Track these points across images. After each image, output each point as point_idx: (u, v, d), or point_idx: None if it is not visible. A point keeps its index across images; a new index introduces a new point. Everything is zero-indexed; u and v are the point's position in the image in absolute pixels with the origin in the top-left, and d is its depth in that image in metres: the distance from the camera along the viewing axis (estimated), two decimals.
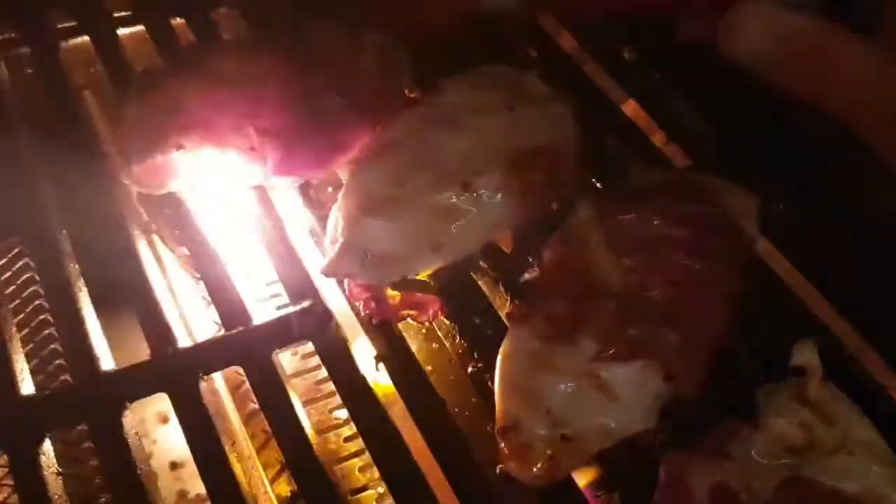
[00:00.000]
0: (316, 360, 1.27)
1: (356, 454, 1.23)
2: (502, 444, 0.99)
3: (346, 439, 1.25)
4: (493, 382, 1.04)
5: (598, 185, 1.30)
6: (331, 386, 1.17)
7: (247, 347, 1.08)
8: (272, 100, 1.21)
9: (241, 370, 1.08)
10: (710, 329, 1.07)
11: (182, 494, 1.54)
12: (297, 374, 1.30)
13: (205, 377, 1.06)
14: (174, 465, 1.54)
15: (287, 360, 1.31)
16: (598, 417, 1.00)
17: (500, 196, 1.18)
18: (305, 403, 1.26)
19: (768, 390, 1.03)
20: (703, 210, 1.16)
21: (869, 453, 0.98)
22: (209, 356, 1.07)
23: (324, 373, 1.25)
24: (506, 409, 1.01)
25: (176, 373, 1.05)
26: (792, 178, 1.33)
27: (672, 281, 1.08)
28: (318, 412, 1.27)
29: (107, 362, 1.04)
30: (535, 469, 0.97)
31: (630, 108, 1.57)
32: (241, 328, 1.09)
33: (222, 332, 1.10)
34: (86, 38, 1.42)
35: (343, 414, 1.28)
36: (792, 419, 0.98)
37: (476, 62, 1.35)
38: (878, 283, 1.20)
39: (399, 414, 1.10)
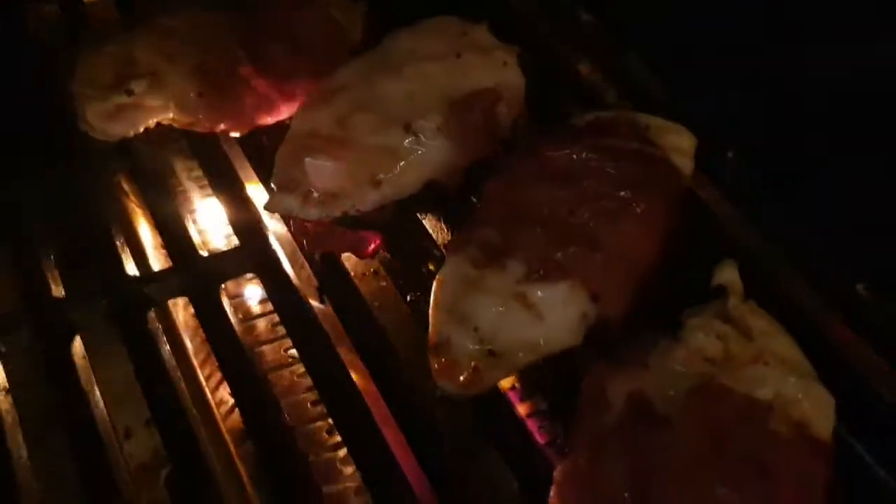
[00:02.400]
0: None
1: (308, 389, 1.26)
2: (433, 362, 1.03)
3: (300, 376, 1.28)
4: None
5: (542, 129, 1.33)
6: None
7: (193, 279, 1.12)
8: (218, 49, 1.25)
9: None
10: (637, 254, 1.11)
11: (156, 451, 1.58)
12: (254, 317, 1.34)
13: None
14: (148, 422, 1.58)
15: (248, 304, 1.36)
16: (524, 334, 1.04)
17: (441, 137, 1.22)
18: (261, 343, 1.30)
19: (693, 311, 1.06)
20: (636, 147, 1.20)
21: (785, 365, 1.00)
22: (158, 286, 1.11)
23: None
24: (438, 328, 1.05)
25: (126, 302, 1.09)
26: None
27: (601, 209, 1.11)
28: (272, 351, 1.31)
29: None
30: (461, 379, 1.01)
31: (584, 67, 1.61)
32: (188, 261, 1.13)
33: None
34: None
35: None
36: (710, 332, 1.01)
37: (429, 15, 1.39)
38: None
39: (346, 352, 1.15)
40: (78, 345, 1.08)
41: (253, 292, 1.20)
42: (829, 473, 0.94)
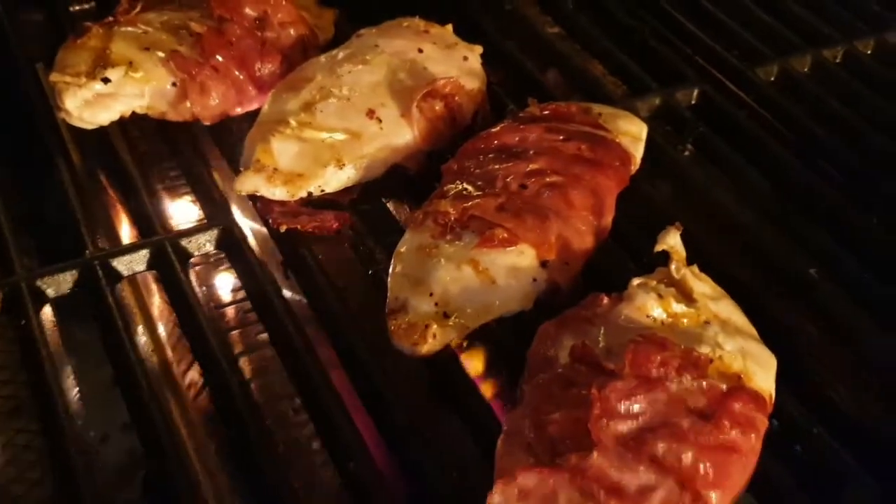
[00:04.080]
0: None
1: (271, 357, 1.29)
2: (391, 324, 1.07)
3: (269, 357, 1.32)
4: None
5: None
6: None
7: (161, 254, 1.17)
8: (192, 41, 1.32)
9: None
10: (585, 225, 1.15)
11: (131, 452, 1.60)
12: (227, 304, 1.38)
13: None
14: (125, 427, 1.61)
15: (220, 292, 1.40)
16: (476, 297, 1.08)
17: (403, 124, 1.28)
18: (233, 328, 1.34)
19: (640, 279, 1.10)
20: (588, 130, 1.26)
21: (728, 326, 1.04)
22: (125, 259, 1.15)
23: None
24: (395, 293, 1.10)
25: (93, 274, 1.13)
26: None
27: (551, 183, 1.17)
28: (244, 336, 1.35)
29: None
30: (416, 338, 1.05)
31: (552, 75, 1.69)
32: (156, 237, 1.18)
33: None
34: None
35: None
36: (652, 292, 1.05)
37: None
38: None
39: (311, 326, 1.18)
40: (46, 314, 1.11)
41: (221, 270, 1.23)
42: (767, 427, 0.97)
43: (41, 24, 1.59)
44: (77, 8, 1.61)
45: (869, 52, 1.68)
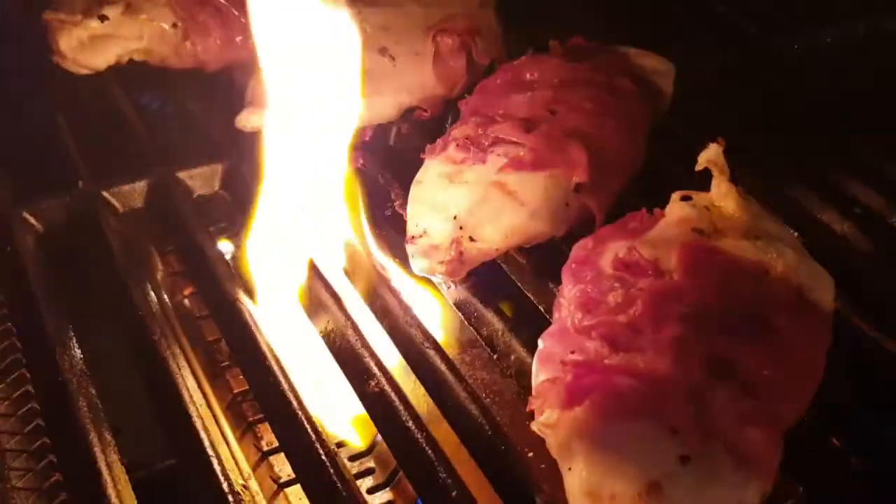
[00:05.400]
0: None
1: None
2: (411, 250, 0.98)
3: None
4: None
5: None
6: None
7: (161, 189, 1.08)
8: None
9: None
10: (619, 152, 1.08)
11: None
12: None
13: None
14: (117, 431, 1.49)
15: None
16: (505, 220, 0.99)
17: (418, 60, 1.21)
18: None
19: (682, 192, 1.00)
20: (616, 64, 1.19)
21: (780, 241, 0.96)
22: (123, 192, 1.07)
23: None
24: (415, 220, 1.01)
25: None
26: None
27: (583, 109, 1.09)
28: None
29: None
30: (440, 260, 0.96)
31: None
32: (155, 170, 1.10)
33: None
34: None
35: None
36: (698, 205, 0.96)
37: None
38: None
39: None
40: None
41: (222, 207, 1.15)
42: (831, 342, 0.88)
43: None
44: None
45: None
